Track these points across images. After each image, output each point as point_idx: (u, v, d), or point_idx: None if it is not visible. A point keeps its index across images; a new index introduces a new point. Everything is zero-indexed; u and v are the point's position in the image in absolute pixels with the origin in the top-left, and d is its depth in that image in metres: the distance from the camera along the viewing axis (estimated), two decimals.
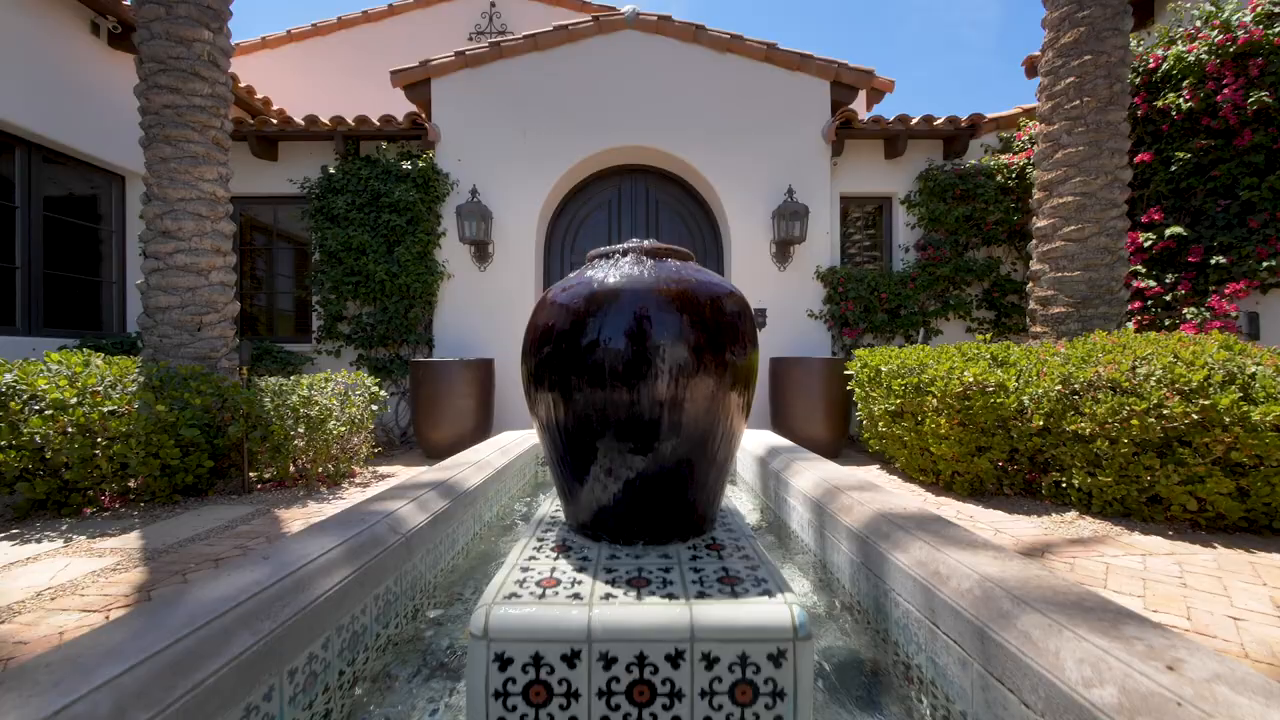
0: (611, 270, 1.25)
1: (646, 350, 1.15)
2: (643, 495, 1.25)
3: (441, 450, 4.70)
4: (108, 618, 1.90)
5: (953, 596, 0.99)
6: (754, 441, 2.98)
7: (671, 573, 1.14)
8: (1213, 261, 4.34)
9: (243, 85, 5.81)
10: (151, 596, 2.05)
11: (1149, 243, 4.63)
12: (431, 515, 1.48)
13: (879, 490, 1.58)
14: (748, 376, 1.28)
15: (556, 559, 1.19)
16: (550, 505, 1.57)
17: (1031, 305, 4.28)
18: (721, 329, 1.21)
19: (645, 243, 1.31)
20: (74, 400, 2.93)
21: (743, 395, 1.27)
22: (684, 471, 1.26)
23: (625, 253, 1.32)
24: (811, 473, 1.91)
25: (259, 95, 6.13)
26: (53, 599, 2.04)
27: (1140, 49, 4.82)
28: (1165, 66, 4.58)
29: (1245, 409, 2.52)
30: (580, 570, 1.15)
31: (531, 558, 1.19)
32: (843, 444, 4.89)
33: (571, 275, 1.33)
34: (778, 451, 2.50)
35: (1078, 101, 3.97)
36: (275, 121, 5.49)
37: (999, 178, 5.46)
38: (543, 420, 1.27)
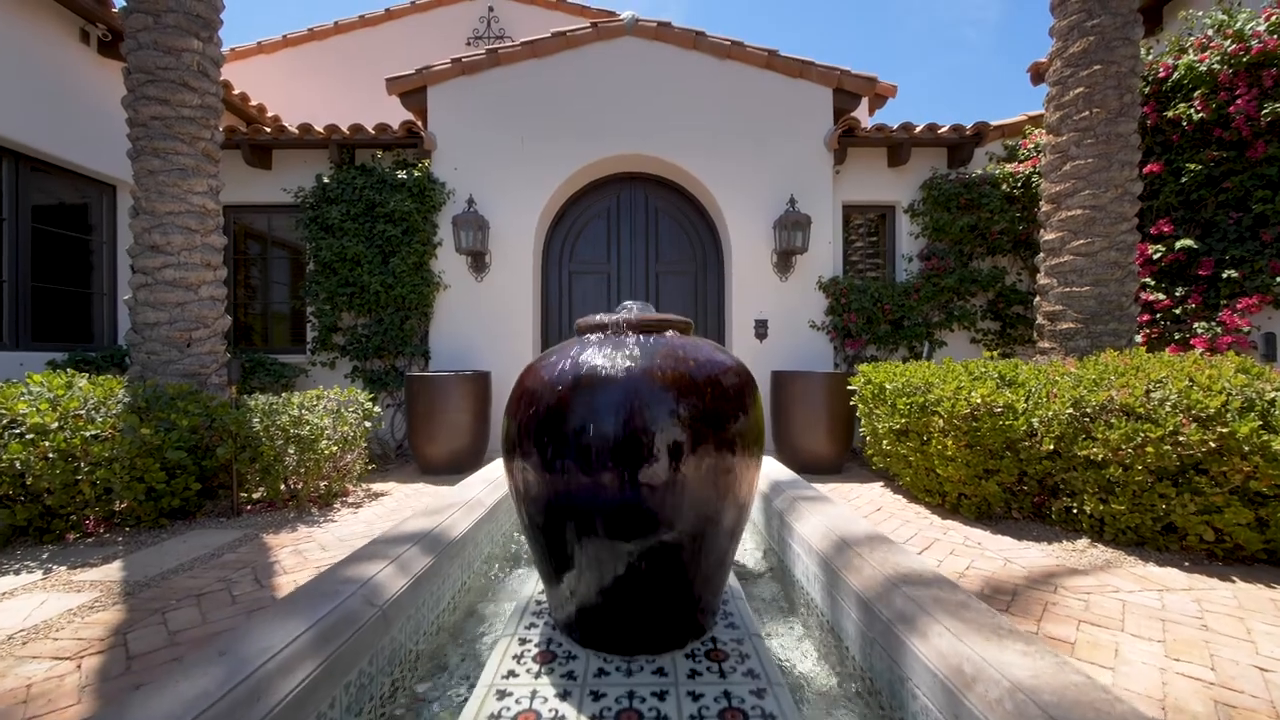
0: (604, 349, 1.13)
1: (639, 438, 1.03)
2: (635, 592, 1.13)
3: (438, 465, 4.62)
4: (79, 666, 1.82)
5: (980, 707, 0.88)
6: None
7: (667, 700, 1.02)
8: (1224, 275, 4.24)
9: (236, 92, 5.71)
10: (127, 640, 1.97)
11: (1158, 255, 4.53)
12: (413, 577, 1.37)
13: (890, 546, 1.48)
14: (752, 445, 1.16)
15: (538, 676, 1.08)
16: (534, 586, 1.46)
17: (1039, 320, 4.18)
18: (722, 412, 1.10)
19: (637, 312, 1.20)
20: (55, 425, 2.85)
21: (749, 467, 1.15)
22: (682, 564, 1.14)
23: (618, 327, 1.20)
24: (817, 517, 1.81)
25: (254, 102, 6.04)
26: (24, 644, 1.96)
27: (1150, 57, 4.72)
28: (1176, 76, 4.48)
29: (1265, 437, 2.44)
30: (563, 696, 1.04)
31: (510, 672, 1.08)
32: (846, 459, 4.80)
33: (560, 348, 1.21)
34: (781, 487, 2.40)
35: (1087, 113, 3.88)
36: (269, 130, 5.40)
37: (1004, 187, 5.36)
38: (520, 491, 1.16)
